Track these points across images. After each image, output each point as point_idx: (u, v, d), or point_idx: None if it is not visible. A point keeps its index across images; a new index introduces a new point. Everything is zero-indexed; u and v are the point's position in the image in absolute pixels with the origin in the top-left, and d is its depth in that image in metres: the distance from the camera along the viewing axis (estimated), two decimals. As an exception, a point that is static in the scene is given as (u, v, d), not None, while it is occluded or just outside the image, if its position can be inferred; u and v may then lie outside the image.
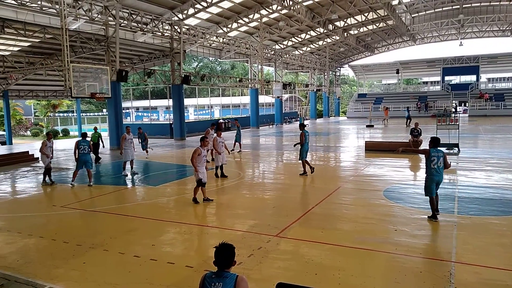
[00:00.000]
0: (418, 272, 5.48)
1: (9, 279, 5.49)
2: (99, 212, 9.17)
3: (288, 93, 51.02)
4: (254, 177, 13.64)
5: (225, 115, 47.57)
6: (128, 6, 21.17)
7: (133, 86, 46.70)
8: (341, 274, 5.42)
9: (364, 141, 19.56)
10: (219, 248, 3.31)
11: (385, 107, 41.58)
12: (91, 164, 12.36)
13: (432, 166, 7.62)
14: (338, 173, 13.89)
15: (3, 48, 22.08)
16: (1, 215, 9.13)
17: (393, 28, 41.19)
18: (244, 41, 32.96)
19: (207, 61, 66.96)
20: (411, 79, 69.10)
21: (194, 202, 9.45)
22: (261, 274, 5.55)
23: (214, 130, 15.33)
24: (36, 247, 6.94)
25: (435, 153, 7.63)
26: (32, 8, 17.81)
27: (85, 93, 17.75)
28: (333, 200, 9.58)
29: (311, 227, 7.49)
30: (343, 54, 52.03)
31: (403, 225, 7.49)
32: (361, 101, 53.81)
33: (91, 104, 59.19)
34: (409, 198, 9.53)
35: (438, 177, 7.67)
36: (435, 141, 7.77)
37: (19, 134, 39.94)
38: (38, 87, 30.32)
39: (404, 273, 5.47)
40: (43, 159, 12.49)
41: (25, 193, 11.71)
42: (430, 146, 7.79)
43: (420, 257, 6.01)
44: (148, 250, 6.56)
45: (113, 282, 5.39)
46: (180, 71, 26.85)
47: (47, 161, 12.35)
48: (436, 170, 7.62)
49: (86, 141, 12.27)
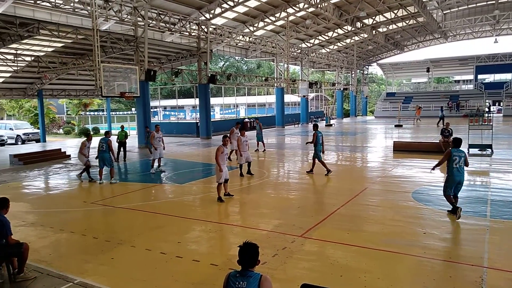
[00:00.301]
0: (447, 277, 5.32)
1: (41, 272, 5.70)
2: (127, 209, 9.39)
3: (314, 92, 50.59)
4: (279, 176, 13.60)
5: (251, 114, 47.69)
6: (157, 6, 21.54)
7: (161, 86, 47.56)
8: (367, 277, 5.32)
9: (393, 141, 19.14)
10: (243, 247, 3.31)
11: (418, 106, 40.49)
12: (109, 162, 12.44)
13: (454, 166, 7.77)
14: (365, 173, 13.65)
15: (38, 49, 22.94)
16: (35, 210, 9.50)
17: (424, 25, 40.06)
18: (270, 40, 32.91)
19: (233, 60, 67.36)
20: (442, 77, 67.14)
21: (219, 201, 9.52)
22: (286, 274, 5.52)
23: (238, 129, 15.39)
24: (67, 242, 7.18)
25: (456, 153, 7.81)
26: (65, 10, 18.41)
27: (115, 92, 18.25)
28: (359, 201, 9.42)
29: (337, 228, 7.39)
30: (371, 52, 51.09)
31: (432, 228, 7.28)
32: (390, 100, 52.70)
33: (120, 103, 60.64)
34: (439, 200, 9.23)
35: (459, 176, 7.79)
36: (457, 142, 8.00)
37: (52, 132, 41.40)
38: (70, 87, 31.34)
39: (433, 277, 5.31)
40: (81, 158, 13.00)
41: (57, 189, 12.14)
42: (452, 146, 8.05)
43: (450, 261, 5.82)
44: (174, 247, 6.66)
45: (140, 278, 5.51)
46: (206, 70, 27.11)
47: (84, 160, 12.84)
48: (457, 169, 7.76)
49: (105, 139, 12.53)
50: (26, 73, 24.75)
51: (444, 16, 40.28)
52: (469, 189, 10.65)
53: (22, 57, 21.09)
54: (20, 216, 8.61)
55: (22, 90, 28.60)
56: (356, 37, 41.36)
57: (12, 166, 16.61)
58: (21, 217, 8.62)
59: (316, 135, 12.71)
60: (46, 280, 5.45)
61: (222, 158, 9.46)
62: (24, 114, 42.22)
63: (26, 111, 41.73)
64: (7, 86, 27.35)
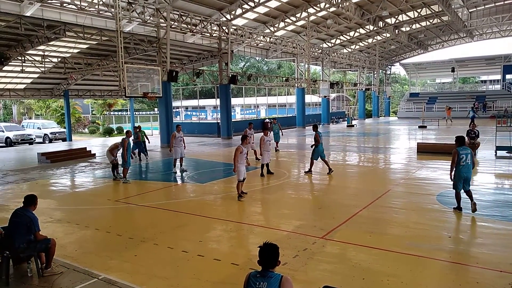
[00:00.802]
0: (474, 283, 5.17)
1: (68, 267, 5.86)
2: (149, 207, 9.53)
3: (336, 92, 50.13)
4: (299, 177, 13.54)
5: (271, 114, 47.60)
6: (179, 8, 21.79)
7: (182, 86, 48.08)
8: (390, 281, 5.23)
9: (416, 143, 18.77)
10: (264, 248, 3.30)
11: (448, 107, 39.58)
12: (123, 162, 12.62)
13: (461, 163, 8.03)
14: (387, 175, 13.43)
15: (64, 51, 23.58)
16: (62, 207, 9.76)
17: (449, 24, 39.09)
18: (291, 40, 32.80)
19: (254, 60, 67.45)
20: (468, 77, 65.35)
21: (239, 199, 9.59)
22: (307, 275, 5.49)
23: (252, 129, 15.44)
24: (92, 239, 7.35)
25: (462, 151, 8.07)
26: (90, 12, 18.85)
27: (138, 93, 18.57)
28: (382, 203, 9.28)
29: (359, 231, 7.30)
30: (394, 52, 50.23)
31: (459, 232, 7.11)
32: (413, 100, 51.67)
33: (143, 103, 61.63)
34: (465, 203, 9.00)
35: (467, 173, 8.07)
36: (461, 140, 8.23)
37: (78, 131, 42.46)
38: (95, 87, 32.09)
39: (459, 282, 5.18)
40: (109, 157, 13.34)
41: (82, 187, 12.44)
42: (457, 145, 8.23)
43: (477, 267, 5.65)
44: (196, 246, 6.72)
45: (162, 275, 5.58)
46: (227, 71, 27.25)
47: (111, 158, 13.17)
48: (464, 166, 8.02)
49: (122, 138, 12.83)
50: (53, 74, 25.48)
51: (470, 15, 39.19)
52: (497, 192, 10.35)
53: (49, 59, 21.70)
54: (47, 213, 8.87)
55: (49, 90, 29.47)
56: (378, 37, 40.75)
57: (40, 164, 17.13)
58: (49, 213, 8.87)
59: (318, 135, 12.82)
60: (72, 276, 5.59)
61: (241, 158, 9.59)
62: (51, 114, 43.50)
63: (53, 111, 42.98)
64: (35, 86, 28.24)
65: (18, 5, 17.28)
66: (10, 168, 16.05)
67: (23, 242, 5.46)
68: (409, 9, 32.79)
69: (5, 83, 26.38)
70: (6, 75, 24.99)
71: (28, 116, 49.90)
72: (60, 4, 17.35)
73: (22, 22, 17.35)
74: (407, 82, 64.52)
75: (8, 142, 28.13)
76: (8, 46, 21.09)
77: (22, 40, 20.74)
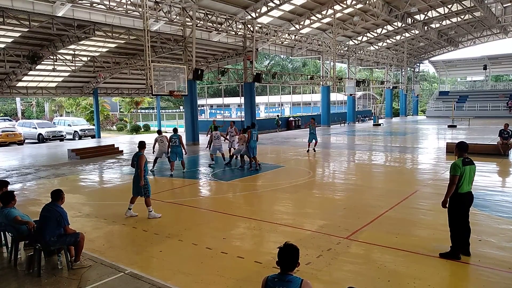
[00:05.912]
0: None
1: (96, 261, 6.02)
2: (174, 203, 9.67)
3: (362, 90, 49.34)
4: (324, 176, 13.41)
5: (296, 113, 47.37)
6: (204, 6, 21.98)
7: (207, 84, 48.51)
8: (417, 284, 5.10)
9: (445, 143, 18.24)
10: (283, 249, 3.12)
11: None
12: (181, 155, 13.44)
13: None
14: (415, 175, 13.11)
15: (93, 50, 24.22)
16: (91, 203, 10.02)
17: (481, 20, 37.68)
18: (317, 37, 32.49)
19: (279, 58, 67.26)
20: (501, 75, 62.96)
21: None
22: (330, 276, 5.42)
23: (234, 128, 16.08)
24: (119, 234, 7.52)
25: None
26: (119, 12, 19.28)
27: (164, 91, 18.88)
28: (409, 204, 9.06)
29: (385, 232, 7.15)
30: (423, 49, 48.94)
31: (489, 235, 6.85)
32: (443, 99, 50.29)
33: (169, 101, 62.59)
34: (496, 206, 8.68)
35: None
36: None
37: (106, 129, 43.57)
38: (123, 85, 32.83)
39: (489, 287, 4.99)
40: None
41: (110, 183, 12.76)
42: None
43: (509, 272, 5.44)
44: (219, 243, 6.76)
45: (186, 271, 5.65)
46: (252, 69, 27.28)
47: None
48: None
49: (176, 135, 13.41)
50: (82, 73, 26.27)
51: (504, 10, 37.64)
52: (531, 195, 9.93)
53: (79, 57, 22.36)
54: (77, 208, 9.13)
55: (79, 88, 30.38)
56: (406, 34, 39.81)
57: (70, 160, 17.68)
58: (78, 208, 9.14)
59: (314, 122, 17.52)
60: (99, 269, 5.73)
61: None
62: (80, 111, 44.86)
63: (83, 109, 44.29)
64: (66, 85, 29.17)
65: (50, 6, 17.88)
66: (42, 164, 16.63)
67: (53, 235, 5.64)
68: (439, 5, 31.83)
69: (38, 81, 27.38)
70: (38, 73, 25.92)
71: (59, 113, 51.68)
72: (90, 4, 17.82)
73: (54, 22, 17.93)
74: (436, 80, 62.79)
75: (41, 139, 29.26)
76: (41, 46, 21.86)
77: (54, 39, 21.45)
